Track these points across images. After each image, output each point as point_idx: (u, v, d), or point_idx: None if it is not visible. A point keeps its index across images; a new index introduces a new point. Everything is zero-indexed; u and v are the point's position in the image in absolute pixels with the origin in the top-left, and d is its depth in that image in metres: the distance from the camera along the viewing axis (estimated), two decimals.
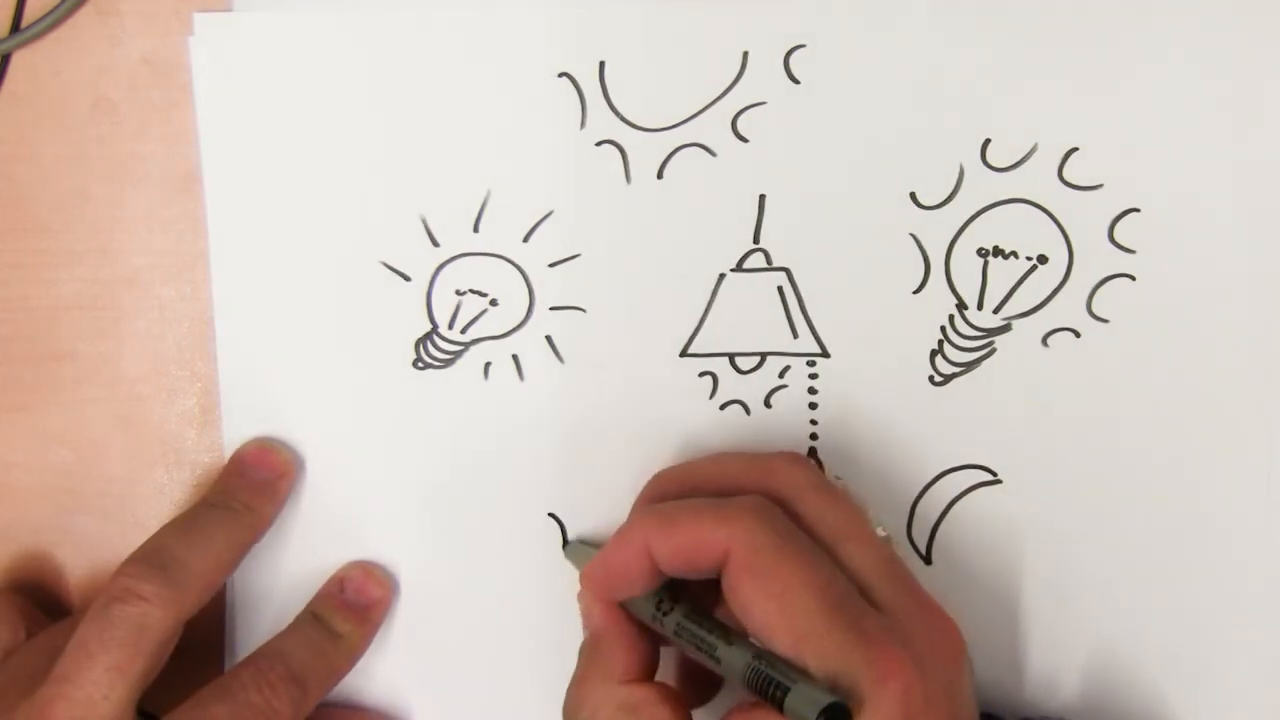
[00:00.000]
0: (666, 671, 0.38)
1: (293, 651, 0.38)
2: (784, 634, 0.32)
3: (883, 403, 0.41)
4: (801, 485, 0.36)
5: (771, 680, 0.32)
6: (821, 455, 0.41)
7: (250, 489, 0.40)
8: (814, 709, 0.31)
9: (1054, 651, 0.41)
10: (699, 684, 0.38)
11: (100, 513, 0.43)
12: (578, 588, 0.38)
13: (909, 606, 0.33)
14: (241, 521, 0.40)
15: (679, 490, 0.37)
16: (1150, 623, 0.40)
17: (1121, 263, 0.40)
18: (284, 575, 0.42)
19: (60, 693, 0.35)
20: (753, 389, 0.41)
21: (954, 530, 0.41)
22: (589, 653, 0.37)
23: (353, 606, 0.41)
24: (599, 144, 0.41)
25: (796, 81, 0.40)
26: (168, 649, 0.37)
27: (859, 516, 0.35)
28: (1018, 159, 0.40)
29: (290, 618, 0.40)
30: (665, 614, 0.36)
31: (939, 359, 0.41)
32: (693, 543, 0.34)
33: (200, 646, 0.41)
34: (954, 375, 0.41)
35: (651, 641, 0.37)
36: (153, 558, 0.37)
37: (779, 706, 0.32)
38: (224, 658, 0.42)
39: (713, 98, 0.41)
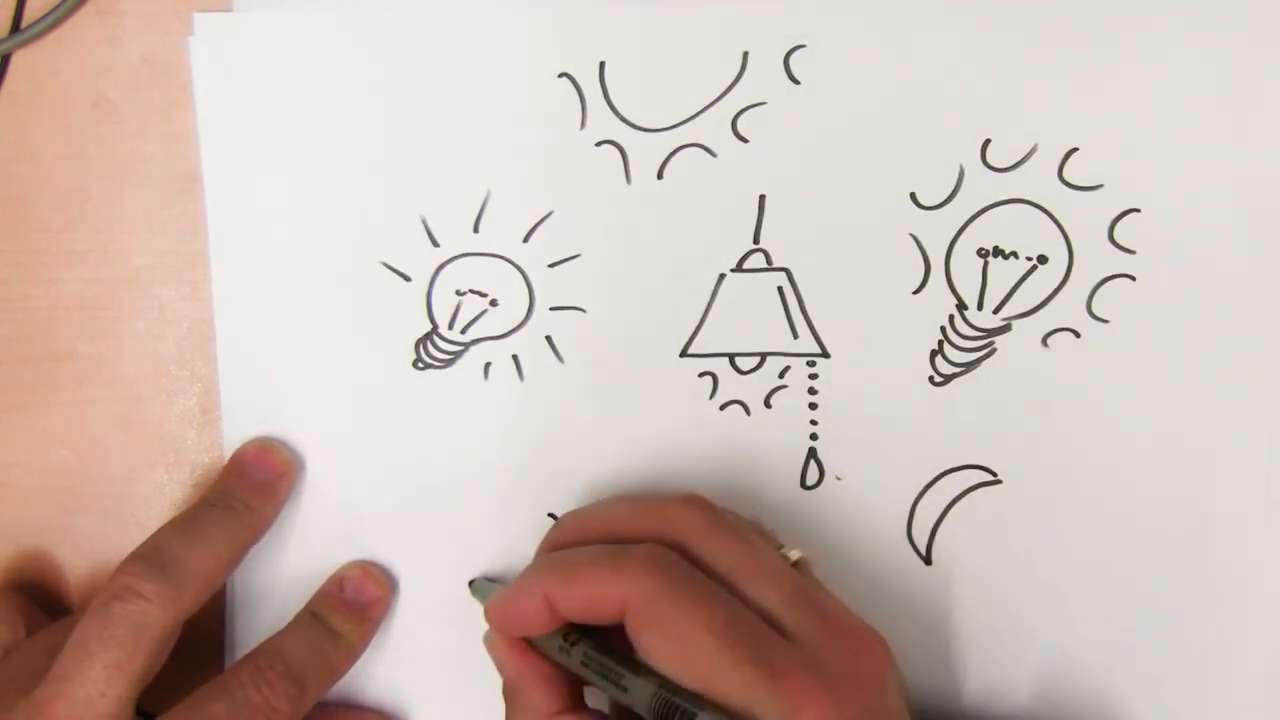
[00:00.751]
0: (602, 702, 0.38)
1: (291, 650, 0.38)
2: (691, 678, 0.32)
3: (883, 403, 0.41)
4: (699, 527, 0.35)
5: (676, 708, 0.32)
6: (821, 456, 0.41)
7: (250, 489, 0.40)
8: None
9: (1053, 651, 0.41)
10: (634, 713, 0.38)
11: (100, 513, 0.43)
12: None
13: (821, 633, 0.33)
14: (241, 521, 0.40)
15: (579, 536, 0.37)
16: (1150, 623, 0.40)
17: (1121, 263, 0.40)
18: (283, 575, 0.42)
19: (59, 691, 0.35)
20: (753, 389, 0.41)
21: (954, 530, 0.41)
22: (510, 697, 0.37)
23: (352, 606, 0.41)
24: (599, 144, 0.41)
25: (796, 81, 0.40)
26: (167, 648, 0.37)
27: (760, 549, 0.35)
28: (1018, 159, 0.40)
29: (290, 617, 0.40)
30: (571, 645, 0.36)
31: (939, 359, 0.41)
32: (590, 596, 0.34)
33: (200, 646, 0.41)
34: (954, 375, 0.41)
35: (570, 675, 0.36)
36: (153, 557, 0.37)
37: None
38: (224, 657, 0.42)
39: (713, 98, 0.41)
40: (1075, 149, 0.40)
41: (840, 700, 0.31)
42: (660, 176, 0.41)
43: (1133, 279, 0.40)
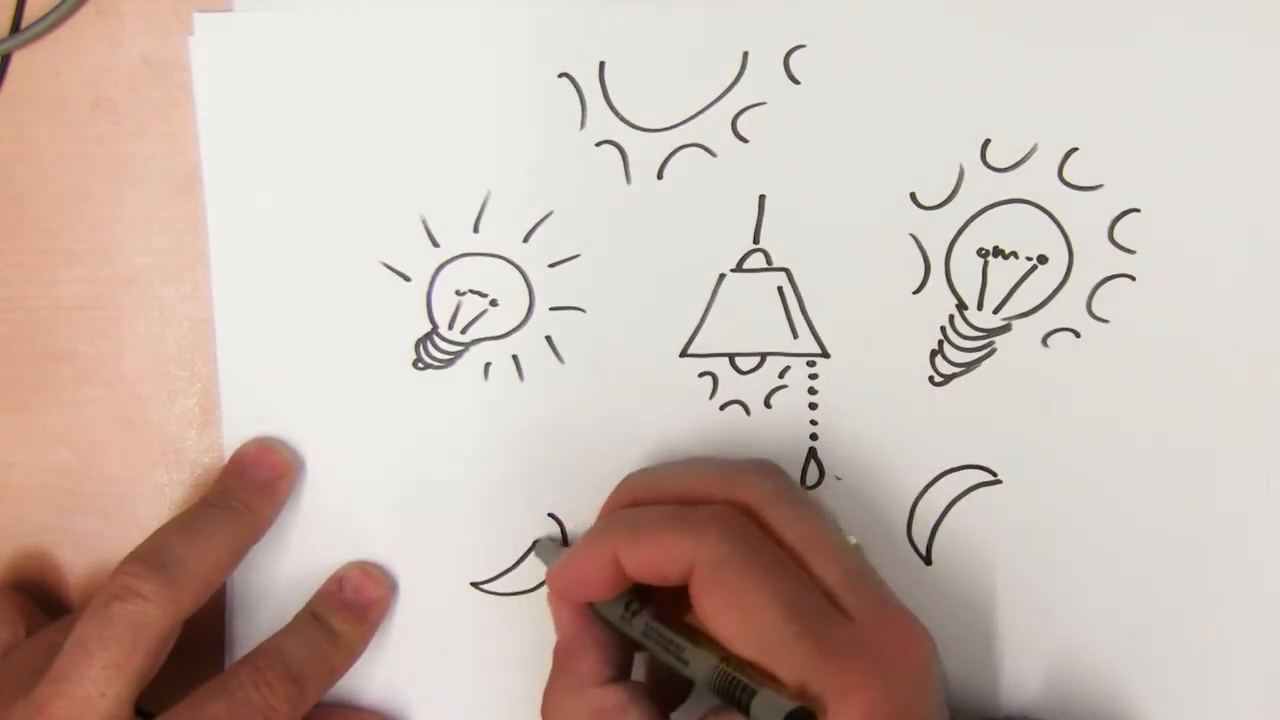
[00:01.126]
0: (640, 674, 0.38)
1: (291, 650, 0.38)
2: (749, 646, 0.33)
3: (883, 403, 0.41)
4: (769, 495, 0.35)
5: (738, 684, 0.32)
6: (821, 455, 0.41)
7: (250, 489, 0.40)
8: (778, 715, 0.31)
9: (1053, 651, 0.41)
10: (672, 686, 0.38)
11: (100, 513, 0.43)
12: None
13: (876, 617, 0.33)
14: (241, 521, 0.40)
15: (648, 496, 0.37)
16: (1150, 622, 0.40)
17: (1121, 263, 0.40)
18: (283, 575, 0.42)
19: (58, 690, 0.35)
20: (753, 389, 0.41)
21: (954, 530, 0.41)
22: (560, 658, 0.37)
23: (351, 606, 0.41)
24: (599, 144, 0.41)
25: (796, 81, 0.40)
26: (166, 647, 0.37)
27: (827, 526, 0.35)
28: (1018, 159, 0.40)
29: (289, 617, 0.40)
30: (634, 614, 0.36)
31: (939, 359, 0.41)
32: (659, 555, 0.34)
33: (200, 646, 0.41)
34: (954, 375, 0.41)
35: (623, 643, 0.37)
36: (152, 556, 0.37)
37: (745, 711, 0.32)
38: (223, 657, 0.42)
39: (713, 98, 0.41)
40: (1075, 149, 0.40)
41: (889, 685, 0.32)
42: (660, 176, 0.41)
43: (1133, 279, 0.40)
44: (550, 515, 0.42)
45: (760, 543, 0.34)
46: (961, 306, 0.41)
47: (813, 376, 0.41)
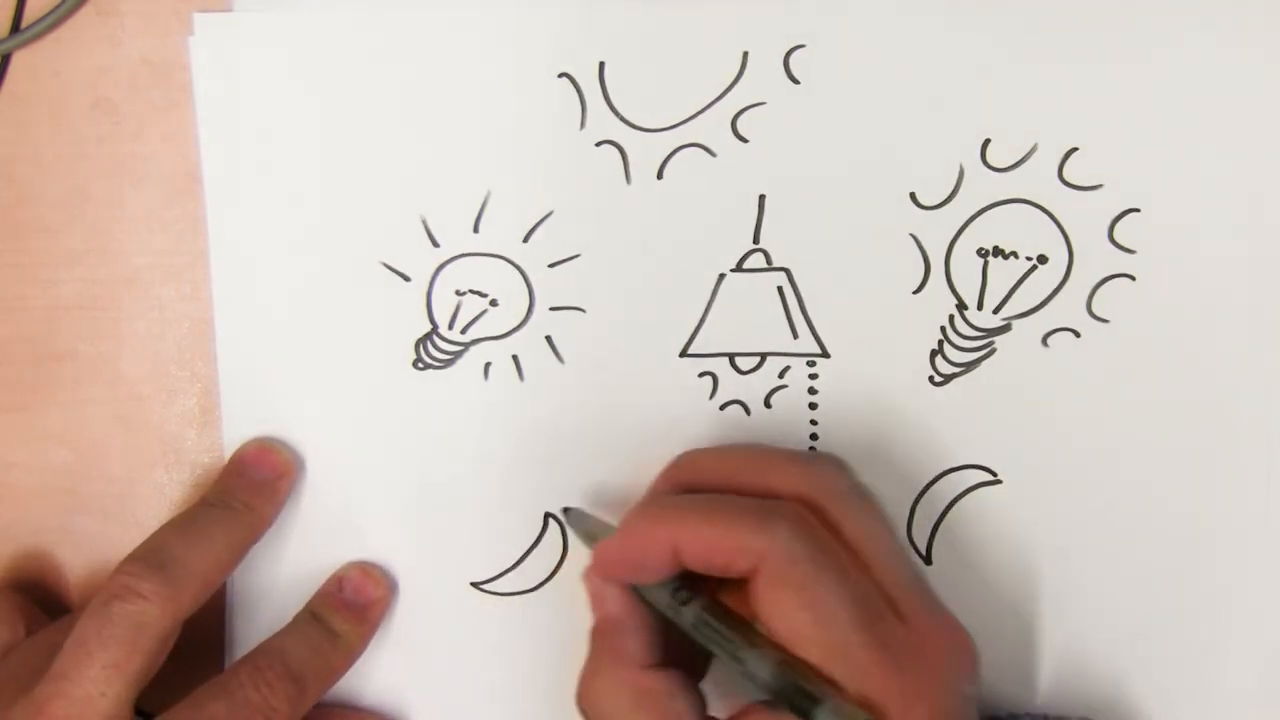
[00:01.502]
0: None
1: (290, 650, 0.38)
2: (815, 647, 0.32)
3: (883, 403, 0.41)
4: (841, 490, 0.35)
5: (801, 689, 0.32)
6: None
7: (250, 488, 0.40)
8: None
9: (1054, 651, 0.41)
10: (688, 662, 0.37)
11: (100, 513, 0.43)
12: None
13: (932, 622, 0.33)
14: (241, 521, 0.40)
15: (711, 479, 0.36)
16: (1149, 622, 0.40)
17: (1121, 263, 0.40)
18: (284, 575, 0.42)
19: (58, 690, 0.35)
20: (753, 389, 0.41)
21: (954, 530, 0.41)
22: (603, 639, 0.36)
23: (351, 606, 0.41)
24: (599, 144, 0.41)
25: (796, 81, 0.40)
26: (166, 647, 0.37)
27: (890, 526, 0.35)
28: (1018, 159, 0.40)
29: (289, 617, 0.40)
30: (683, 604, 0.34)
31: (939, 359, 0.41)
32: (726, 545, 0.33)
33: (200, 646, 0.41)
34: (954, 375, 0.41)
35: (663, 625, 0.36)
36: (151, 556, 0.37)
37: (804, 715, 0.31)
38: (223, 657, 0.42)
39: (713, 98, 0.41)
40: (1075, 149, 0.40)
41: (947, 695, 0.32)
42: (660, 176, 0.41)
43: (1133, 279, 0.40)
44: (550, 515, 0.42)
45: (831, 543, 0.33)
46: (961, 306, 0.41)
47: (813, 376, 0.41)
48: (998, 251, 0.40)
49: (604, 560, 0.36)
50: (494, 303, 0.42)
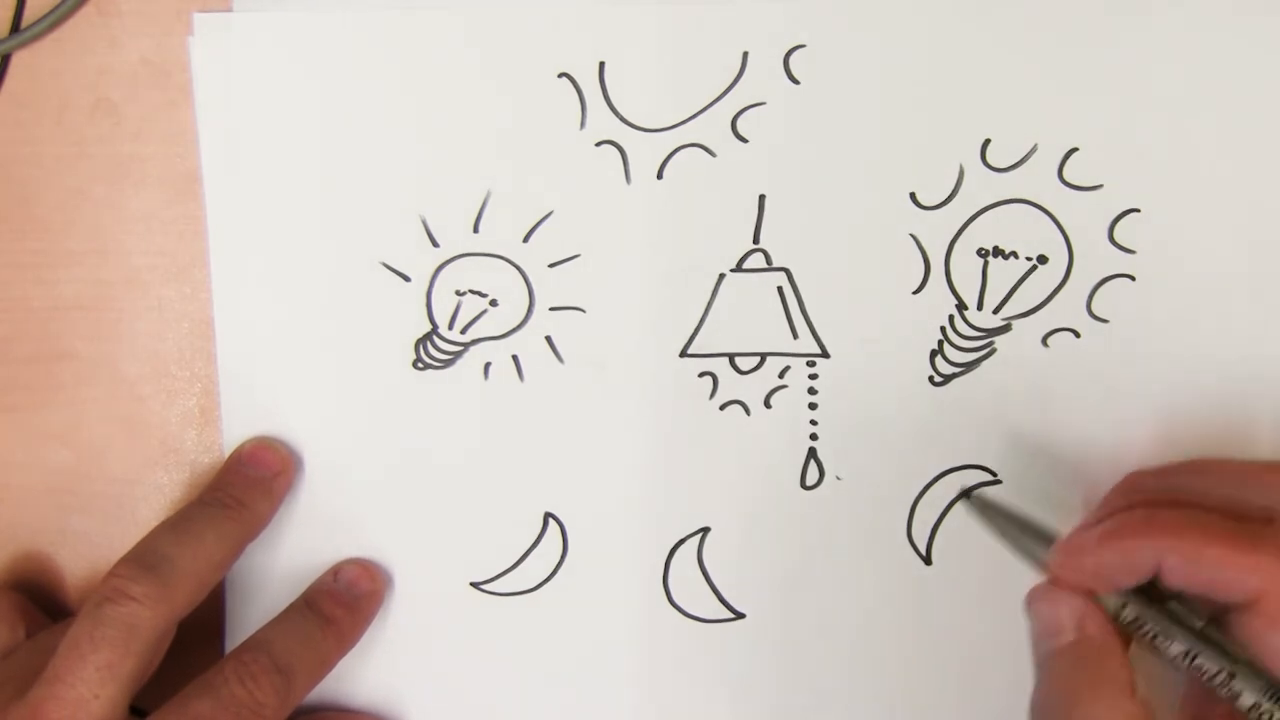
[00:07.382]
0: None
1: (277, 641, 0.38)
2: None
3: (883, 403, 0.41)
4: None
5: None
6: (821, 455, 0.41)
7: (245, 485, 0.40)
8: None
9: None
10: None
11: (100, 513, 0.43)
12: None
13: None
14: (234, 518, 0.39)
15: (1195, 485, 0.34)
16: None
17: (1121, 263, 0.40)
18: (282, 574, 0.42)
19: (51, 692, 0.35)
20: (753, 389, 0.41)
21: (954, 530, 0.41)
22: (1088, 663, 0.33)
23: (344, 597, 0.40)
24: (599, 144, 0.41)
25: (796, 81, 0.40)
26: (161, 648, 0.37)
27: None
28: (1018, 159, 0.40)
29: None
30: (1174, 621, 0.33)
31: (939, 359, 0.41)
32: (1220, 570, 0.31)
33: (199, 645, 0.41)
34: (954, 375, 0.41)
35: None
36: (143, 558, 0.37)
37: None
38: (222, 656, 0.42)
39: (713, 98, 0.41)
40: (1075, 149, 0.40)
41: None
42: (660, 176, 0.41)
43: (1133, 279, 0.40)
44: (549, 515, 0.42)
45: None
46: (961, 306, 0.41)
47: (813, 376, 0.41)
48: (998, 251, 0.40)
49: (1071, 562, 0.34)
50: (494, 303, 0.42)
